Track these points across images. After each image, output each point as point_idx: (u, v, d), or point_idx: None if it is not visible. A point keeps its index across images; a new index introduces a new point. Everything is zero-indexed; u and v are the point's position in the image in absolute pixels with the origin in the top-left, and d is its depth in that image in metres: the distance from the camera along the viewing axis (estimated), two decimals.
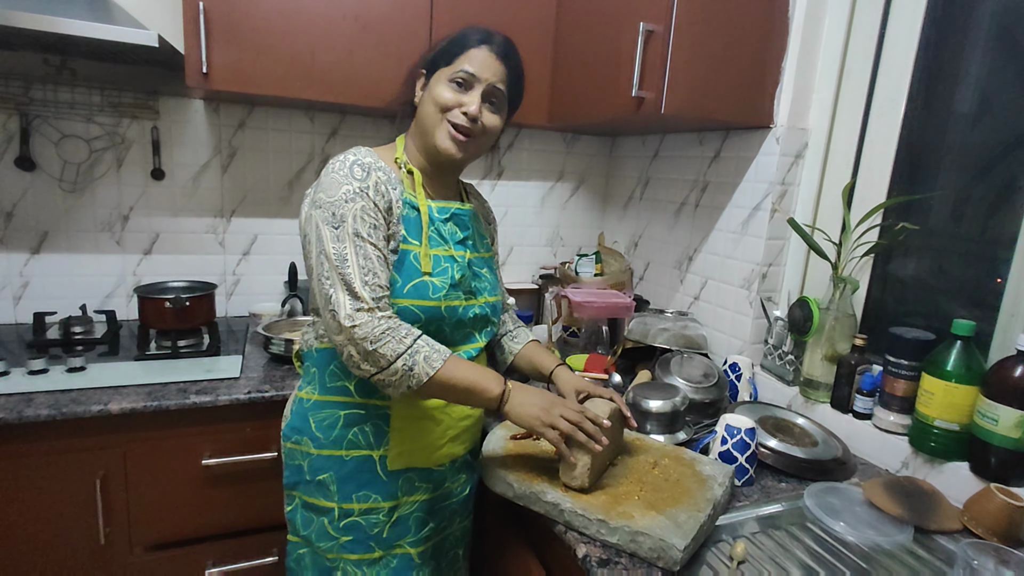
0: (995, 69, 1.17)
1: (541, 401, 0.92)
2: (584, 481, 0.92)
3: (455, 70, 0.95)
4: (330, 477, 0.97)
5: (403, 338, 0.86)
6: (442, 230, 1.00)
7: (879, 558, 0.92)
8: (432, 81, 0.98)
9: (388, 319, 0.87)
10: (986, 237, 1.18)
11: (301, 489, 1.00)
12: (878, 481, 1.07)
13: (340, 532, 0.98)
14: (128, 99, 1.64)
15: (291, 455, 1.01)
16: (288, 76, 1.47)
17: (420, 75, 1.01)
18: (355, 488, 0.97)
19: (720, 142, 1.61)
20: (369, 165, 0.93)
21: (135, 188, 1.70)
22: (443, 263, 0.98)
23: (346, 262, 0.86)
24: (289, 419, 1.02)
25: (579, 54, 1.60)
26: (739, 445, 1.07)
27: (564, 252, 2.21)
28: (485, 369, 0.93)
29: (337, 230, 0.88)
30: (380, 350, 0.84)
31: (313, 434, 0.97)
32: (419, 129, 0.99)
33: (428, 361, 0.86)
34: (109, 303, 1.73)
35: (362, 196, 0.90)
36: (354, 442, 0.97)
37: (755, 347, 1.53)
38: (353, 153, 0.94)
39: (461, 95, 0.96)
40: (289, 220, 1.87)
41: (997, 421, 0.99)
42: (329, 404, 0.98)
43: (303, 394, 1.01)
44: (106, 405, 1.18)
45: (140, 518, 1.28)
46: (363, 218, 0.89)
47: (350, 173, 0.90)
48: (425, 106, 0.98)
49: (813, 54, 1.41)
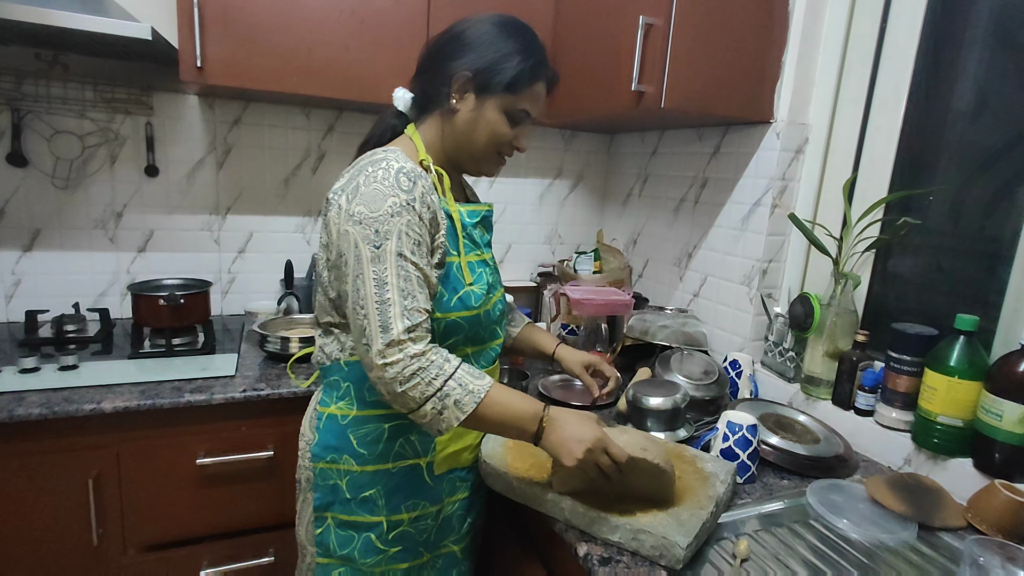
0: (996, 65, 1.16)
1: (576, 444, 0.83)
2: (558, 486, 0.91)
3: (517, 106, 0.92)
4: (377, 492, 0.93)
5: (432, 379, 0.80)
6: (474, 235, 0.97)
7: (884, 556, 0.91)
8: (487, 105, 0.91)
9: (419, 357, 0.80)
10: (988, 233, 1.17)
11: (337, 509, 0.94)
12: (881, 478, 1.06)
13: (389, 544, 0.95)
14: (122, 94, 1.62)
15: (324, 475, 0.93)
16: (284, 71, 1.46)
17: (466, 80, 0.90)
18: (403, 499, 0.94)
19: (720, 138, 1.60)
20: (413, 173, 0.85)
21: (129, 185, 1.68)
22: (478, 269, 0.96)
23: (385, 286, 0.80)
24: (317, 438, 0.94)
25: (578, 49, 1.58)
26: (741, 442, 1.06)
27: (562, 250, 2.20)
28: (522, 403, 0.85)
29: (379, 249, 0.81)
30: (409, 392, 0.79)
31: (355, 451, 0.92)
32: (456, 140, 0.94)
33: (459, 406, 0.81)
34: (102, 301, 1.71)
35: (408, 210, 0.83)
36: (401, 453, 0.94)
37: (755, 344, 1.52)
38: (395, 158, 0.86)
39: (515, 129, 0.94)
40: (285, 217, 1.85)
41: (1001, 417, 0.98)
42: (371, 419, 0.93)
43: (335, 410, 0.94)
44: (99, 404, 1.17)
45: (134, 518, 1.26)
46: (408, 234, 0.82)
47: (396, 184, 0.83)
48: (475, 129, 0.92)
49: (813, 48, 1.40)
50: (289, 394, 1.31)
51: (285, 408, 1.32)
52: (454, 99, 0.92)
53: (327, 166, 1.86)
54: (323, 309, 0.95)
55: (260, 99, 1.71)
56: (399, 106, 0.99)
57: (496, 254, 2.11)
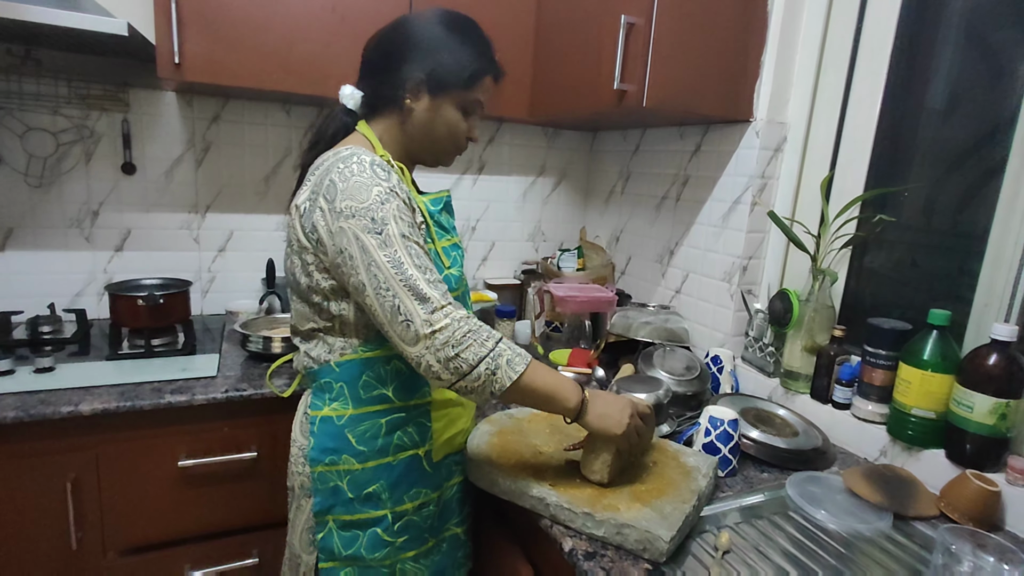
0: (967, 63, 1.19)
1: (619, 413, 0.91)
2: (604, 476, 0.93)
3: (471, 99, 0.95)
4: (380, 486, 0.93)
5: (485, 341, 0.82)
6: (441, 221, 1.00)
7: (860, 544, 0.93)
8: (442, 102, 0.94)
9: (468, 320, 0.82)
10: (960, 229, 1.21)
11: (338, 511, 0.93)
12: (858, 469, 1.09)
13: (396, 535, 0.95)
14: (97, 91, 1.59)
15: (323, 479, 0.92)
16: (264, 68, 1.44)
17: (418, 79, 0.92)
18: (406, 489, 0.95)
19: (700, 136, 1.62)
20: (385, 164, 0.87)
21: (105, 183, 1.65)
22: (452, 253, 0.98)
23: (402, 266, 0.80)
24: (312, 443, 0.93)
25: (560, 47, 1.59)
26: (722, 436, 1.08)
27: (546, 247, 2.21)
28: (564, 376, 0.90)
29: (381, 235, 0.81)
30: (463, 355, 0.80)
31: (355, 449, 0.92)
32: (413, 137, 0.96)
33: (511, 365, 0.82)
34: (79, 302, 1.68)
35: (394, 195, 0.84)
36: (400, 445, 0.94)
37: (736, 339, 1.54)
38: (364, 153, 0.86)
39: (468, 121, 0.98)
40: (266, 216, 1.83)
41: (972, 408, 1.01)
42: (368, 416, 0.92)
43: (329, 412, 0.93)
44: (76, 406, 1.15)
45: (114, 522, 1.24)
46: (402, 218, 0.83)
47: (374, 174, 0.84)
48: (432, 126, 0.95)
49: (792, 48, 1.42)
50: (272, 394, 1.30)
51: (268, 408, 1.31)
52: (408, 100, 0.94)
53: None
54: (303, 316, 0.94)
55: (239, 96, 1.69)
56: (348, 104, 0.99)
57: (480, 251, 2.11)
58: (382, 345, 0.91)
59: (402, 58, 0.93)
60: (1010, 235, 1.08)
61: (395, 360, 0.92)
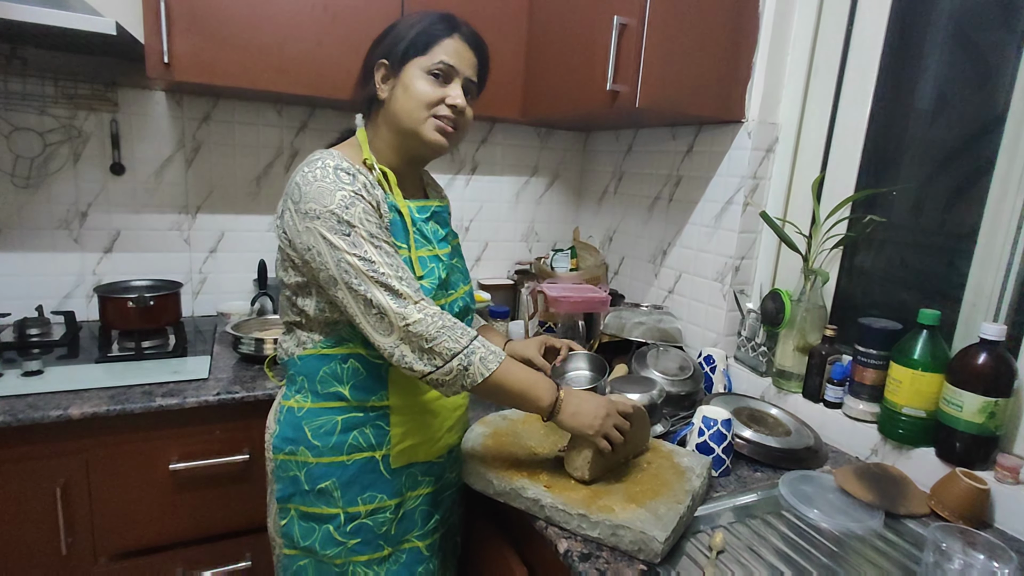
0: (955, 65, 1.20)
1: (594, 410, 0.92)
2: (584, 473, 0.93)
3: (432, 62, 0.91)
4: (332, 484, 0.93)
5: (459, 337, 0.84)
6: (424, 230, 0.98)
7: (852, 543, 0.94)
8: (405, 74, 0.91)
9: (442, 315, 0.84)
10: (948, 228, 1.22)
11: (297, 500, 0.95)
12: (849, 468, 1.10)
13: (348, 536, 0.95)
14: (84, 90, 1.57)
15: (284, 467, 0.95)
16: (255, 67, 1.43)
17: (381, 66, 0.94)
18: (359, 491, 0.94)
19: (693, 137, 1.62)
20: (352, 169, 0.87)
21: (93, 183, 1.63)
22: (429, 264, 0.96)
23: (373, 264, 0.82)
24: (278, 430, 0.95)
25: (553, 48, 1.59)
26: (716, 436, 1.09)
27: (539, 247, 2.21)
28: (538, 374, 0.91)
29: (349, 236, 0.82)
30: (436, 348, 0.82)
31: (310, 443, 0.93)
32: (395, 126, 0.94)
33: (484, 362, 0.85)
34: (67, 304, 1.66)
35: (359, 199, 0.84)
36: (355, 446, 0.94)
37: (728, 339, 1.55)
38: (330, 157, 0.87)
39: (442, 88, 0.93)
40: (258, 216, 1.82)
41: (962, 407, 1.02)
42: (324, 411, 0.93)
43: (292, 403, 0.95)
44: (66, 410, 1.13)
45: (104, 527, 1.23)
46: (369, 219, 0.84)
47: (337, 179, 0.84)
48: (402, 102, 0.91)
49: (783, 49, 1.43)
50: (265, 396, 1.29)
51: (260, 411, 1.30)
52: (380, 90, 0.94)
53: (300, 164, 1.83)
54: (283, 309, 0.98)
55: (230, 95, 1.68)
56: (357, 123, 1.01)
57: (473, 252, 2.10)
58: (341, 343, 0.92)
59: (371, 55, 0.97)
60: (999, 235, 1.09)
61: (352, 359, 0.93)
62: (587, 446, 0.93)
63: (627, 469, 1.00)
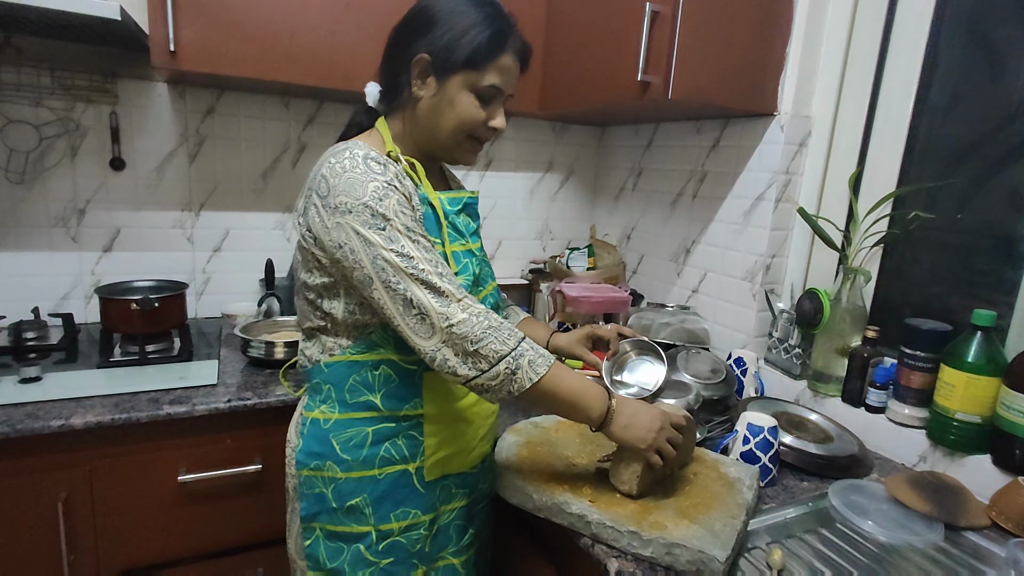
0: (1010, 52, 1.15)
1: (648, 423, 0.85)
2: (632, 487, 0.87)
3: (483, 82, 0.84)
4: (363, 500, 0.87)
5: (507, 339, 0.77)
6: (457, 223, 0.91)
7: (913, 558, 0.89)
8: (451, 86, 0.83)
9: (488, 315, 0.78)
10: (999, 228, 1.16)
11: (324, 519, 0.88)
12: (901, 477, 1.04)
13: (380, 556, 0.88)
14: (82, 81, 1.49)
15: (309, 484, 0.88)
16: (265, 57, 1.36)
17: (421, 61, 0.84)
18: (392, 507, 0.88)
19: (719, 131, 1.56)
20: (381, 158, 0.81)
21: (92, 179, 1.55)
22: (463, 259, 0.90)
23: (412, 260, 0.76)
24: (301, 444, 0.88)
25: (574, 38, 1.53)
26: (762, 444, 1.03)
27: (553, 246, 2.15)
28: (589, 381, 0.84)
29: (384, 231, 0.76)
30: (482, 351, 0.76)
31: (339, 457, 0.86)
32: (427, 131, 0.88)
33: (532, 366, 0.78)
34: (65, 305, 1.58)
35: (393, 190, 0.78)
36: (387, 458, 0.87)
37: (758, 340, 1.49)
38: (357, 147, 0.81)
39: (487, 109, 0.86)
40: (264, 213, 1.74)
41: (1023, 413, 0.96)
42: (354, 422, 0.87)
43: (317, 414, 0.88)
44: (68, 420, 1.06)
45: (109, 542, 1.16)
46: (404, 212, 0.78)
47: (368, 169, 0.78)
48: (445, 117, 0.85)
49: (817, 39, 1.37)
50: (277, 402, 1.22)
51: (273, 418, 1.23)
52: (415, 85, 0.86)
53: (308, 159, 1.76)
54: (303, 314, 0.90)
55: (235, 87, 1.60)
56: (369, 101, 0.94)
57: (487, 250, 2.03)
58: (372, 348, 0.85)
59: (410, 38, 0.86)
60: None
61: (384, 366, 0.86)
62: (636, 459, 0.86)
63: (674, 481, 0.94)
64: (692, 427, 0.94)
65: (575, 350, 1.08)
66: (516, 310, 1.17)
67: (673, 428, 0.88)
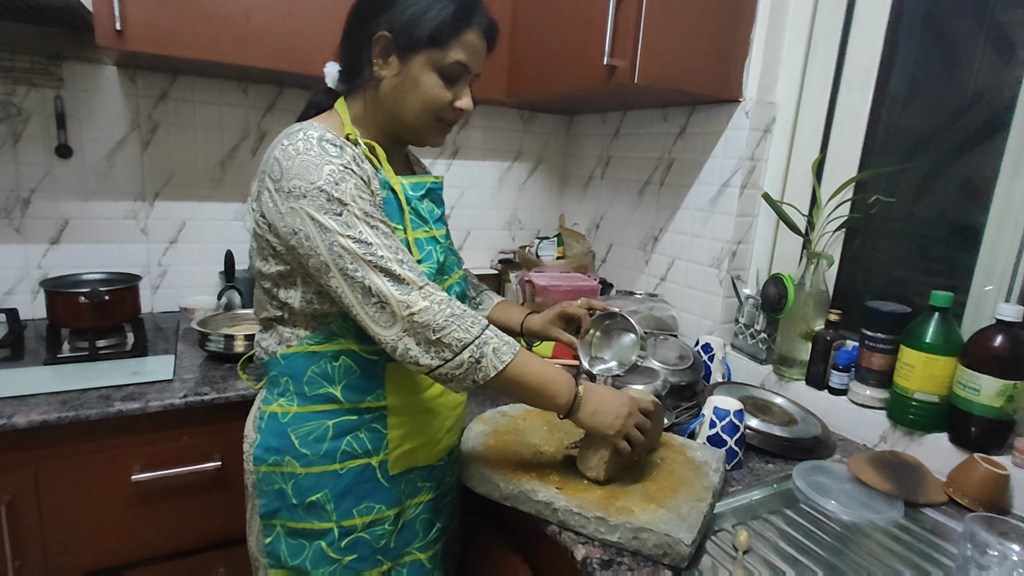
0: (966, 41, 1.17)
1: (616, 409, 0.84)
2: (600, 473, 0.86)
3: (447, 60, 0.81)
4: (324, 496, 0.84)
5: (470, 327, 0.75)
6: (420, 209, 0.88)
7: (876, 536, 0.90)
8: (414, 66, 0.81)
9: (450, 302, 0.76)
10: (956, 211, 1.19)
11: (284, 516, 0.85)
12: (862, 457, 1.06)
13: (343, 552, 0.85)
14: (24, 63, 1.41)
15: (267, 480, 0.85)
16: (219, 38, 1.30)
17: (382, 39, 0.81)
18: (355, 502, 0.85)
19: (686, 118, 1.56)
20: (338, 140, 0.78)
21: (37, 167, 1.48)
22: (427, 246, 0.87)
23: (370, 247, 0.73)
24: (259, 439, 0.85)
25: (541, 21, 1.50)
26: (728, 428, 1.03)
27: (522, 236, 2.13)
28: (556, 368, 0.83)
29: (341, 216, 0.73)
30: (445, 339, 0.74)
31: (298, 451, 0.83)
32: (390, 113, 0.85)
33: (497, 354, 0.76)
34: (9, 300, 1.50)
35: (350, 173, 0.75)
36: (349, 452, 0.84)
37: (725, 326, 1.50)
38: (312, 128, 0.77)
39: (453, 89, 0.83)
40: (222, 204, 1.69)
41: (979, 391, 0.99)
42: (314, 415, 0.83)
43: (275, 408, 0.85)
44: (11, 419, 1.01)
45: (58, 546, 1.11)
46: (362, 196, 0.75)
47: (323, 151, 0.75)
48: (409, 98, 0.82)
49: (781, 25, 1.38)
50: (237, 397, 1.18)
51: (233, 413, 1.19)
52: (376, 65, 0.82)
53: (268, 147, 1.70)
54: (259, 303, 0.87)
55: (190, 71, 1.54)
56: (328, 82, 0.90)
57: (455, 240, 2.00)
58: (332, 338, 0.83)
59: (370, 14, 0.82)
60: (1010, 215, 1.06)
61: (344, 356, 0.83)
62: (604, 445, 0.86)
63: (641, 466, 0.93)
64: (660, 412, 0.93)
65: (549, 331, 1.07)
66: (490, 295, 1.15)
67: (641, 414, 0.87)
